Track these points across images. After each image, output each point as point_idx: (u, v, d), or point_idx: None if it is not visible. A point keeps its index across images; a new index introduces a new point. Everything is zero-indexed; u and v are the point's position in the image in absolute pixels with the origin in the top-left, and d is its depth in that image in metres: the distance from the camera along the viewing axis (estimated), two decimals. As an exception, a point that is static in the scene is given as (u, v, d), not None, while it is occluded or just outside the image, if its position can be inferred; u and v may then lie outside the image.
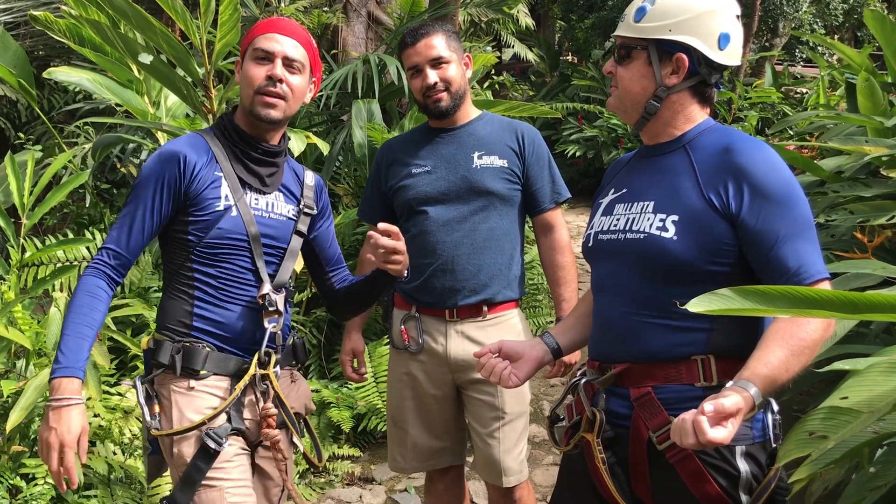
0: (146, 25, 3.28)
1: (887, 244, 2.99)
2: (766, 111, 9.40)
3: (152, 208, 1.90)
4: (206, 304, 1.94)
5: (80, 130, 5.96)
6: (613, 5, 11.72)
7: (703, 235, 1.59)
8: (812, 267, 1.53)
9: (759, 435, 1.59)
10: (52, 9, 6.31)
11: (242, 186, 1.97)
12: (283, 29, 1.98)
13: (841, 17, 12.75)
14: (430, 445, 2.63)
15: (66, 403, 1.73)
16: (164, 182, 1.89)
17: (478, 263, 2.49)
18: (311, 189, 2.14)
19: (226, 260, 1.94)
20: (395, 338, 2.64)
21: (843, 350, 2.42)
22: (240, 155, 1.99)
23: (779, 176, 1.58)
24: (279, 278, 2.00)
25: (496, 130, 2.59)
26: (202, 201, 1.92)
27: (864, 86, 3.72)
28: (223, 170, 1.96)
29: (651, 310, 1.65)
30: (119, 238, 1.90)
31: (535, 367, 1.87)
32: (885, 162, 3.21)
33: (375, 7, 6.39)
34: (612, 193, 1.85)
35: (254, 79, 1.94)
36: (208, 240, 1.92)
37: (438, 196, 2.52)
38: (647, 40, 1.68)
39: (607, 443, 1.68)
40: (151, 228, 1.91)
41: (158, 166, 1.91)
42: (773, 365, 1.42)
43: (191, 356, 1.90)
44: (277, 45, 1.94)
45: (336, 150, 4.95)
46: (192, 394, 1.89)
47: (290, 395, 2.05)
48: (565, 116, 9.60)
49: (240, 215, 1.94)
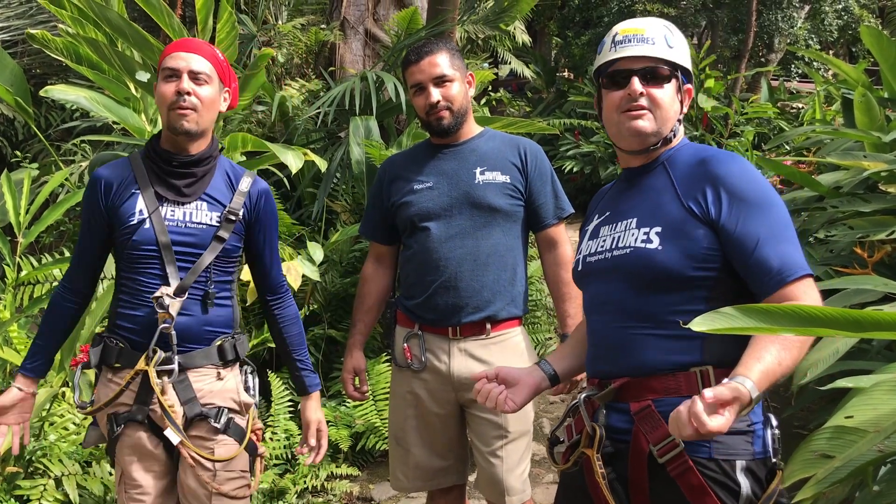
0: (143, 43, 3.29)
1: (887, 259, 2.99)
2: (763, 126, 9.43)
3: (88, 227, 2.21)
4: (125, 304, 2.17)
5: (77, 148, 5.96)
6: (609, 22, 11.78)
7: (686, 242, 1.63)
8: (795, 265, 1.58)
9: (759, 451, 1.60)
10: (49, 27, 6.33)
11: (159, 200, 2.15)
12: (185, 46, 2.17)
13: (836, 33, 12.85)
14: (432, 464, 2.60)
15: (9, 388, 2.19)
16: (90, 203, 2.18)
17: (481, 280, 2.48)
18: (242, 195, 2.24)
19: (140, 266, 2.14)
20: (397, 356, 2.62)
21: (846, 366, 2.41)
22: (157, 170, 2.18)
23: (754, 182, 1.65)
24: (183, 283, 2.15)
25: (498, 146, 2.58)
26: (120, 216, 2.14)
27: (860, 101, 3.73)
28: (140, 186, 2.16)
29: (643, 321, 1.68)
30: (73, 259, 2.26)
31: (532, 394, 1.89)
32: (883, 177, 3.21)
33: (373, 24, 6.41)
34: (596, 219, 1.89)
35: (165, 96, 2.11)
36: (127, 249, 2.14)
37: (440, 212, 2.50)
38: (679, 66, 1.76)
39: (607, 458, 1.68)
40: (91, 244, 2.22)
41: (87, 190, 2.19)
42: (766, 360, 1.45)
43: (106, 351, 2.18)
44: (182, 61, 2.12)
45: (334, 167, 4.94)
46: (107, 383, 2.18)
47: (211, 391, 2.19)
48: (562, 132, 9.62)
49: (152, 227, 2.13)
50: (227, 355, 2.24)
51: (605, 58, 1.79)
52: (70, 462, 3.18)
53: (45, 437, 3.22)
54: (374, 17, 6.43)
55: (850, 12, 12.89)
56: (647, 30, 1.75)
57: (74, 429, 3.39)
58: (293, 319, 2.40)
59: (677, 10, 11.55)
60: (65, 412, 3.44)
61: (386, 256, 2.74)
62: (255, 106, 5.66)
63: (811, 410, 3.26)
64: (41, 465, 3.12)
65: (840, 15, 12.77)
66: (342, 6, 6.36)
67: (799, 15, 12.20)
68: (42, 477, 3.09)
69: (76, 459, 3.24)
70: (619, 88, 1.75)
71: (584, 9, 12.58)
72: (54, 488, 3.05)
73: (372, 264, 2.75)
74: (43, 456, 3.15)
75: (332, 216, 4.97)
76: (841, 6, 12.73)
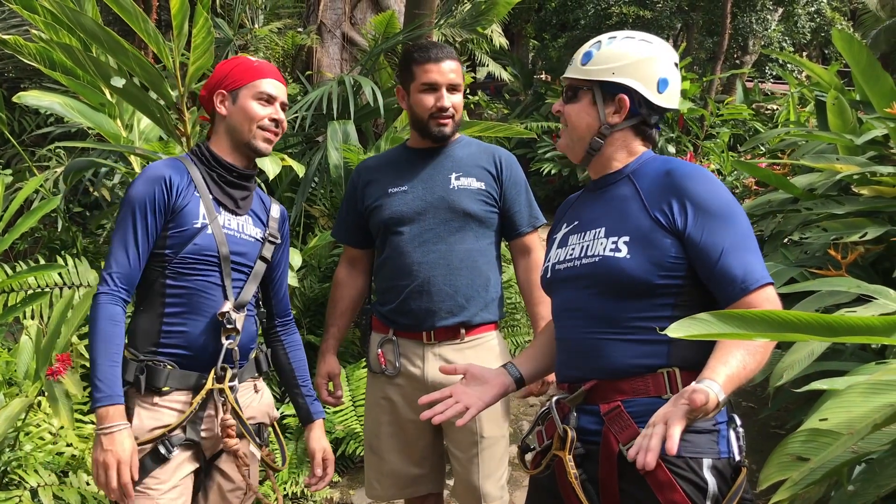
0: (118, 49, 3.25)
1: (860, 261, 3.03)
2: (738, 128, 9.53)
3: (146, 227, 2.04)
4: (175, 317, 2.06)
5: (52, 154, 5.89)
6: (586, 25, 11.87)
7: (653, 250, 1.68)
8: (757, 273, 1.64)
9: (724, 450, 1.65)
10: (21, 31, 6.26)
11: (217, 207, 2.13)
12: (277, 76, 2.23)
13: (809, 35, 13.01)
14: (408, 472, 2.59)
15: (116, 429, 1.91)
16: (154, 201, 2.04)
17: (454, 285, 2.48)
18: (275, 220, 2.31)
19: (197, 275, 2.07)
20: (371, 362, 2.61)
21: (820, 367, 2.44)
22: (216, 178, 2.16)
23: (718, 194, 1.71)
24: (242, 297, 2.14)
25: (474, 153, 2.59)
26: (181, 218, 2.06)
27: (833, 104, 3.78)
28: (199, 191, 2.11)
29: (612, 327, 1.72)
30: (122, 262, 2.03)
31: (499, 394, 1.91)
32: (856, 180, 3.26)
33: (350, 28, 6.40)
34: (564, 228, 1.94)
35: (257, 116, 2.15)
36: (183, 254, 2.05)
37: (414, 216, 2.50)
38: (592, 82, 1.83)
39: (578, 461, 1.71)
40: (147, 247, 2.05)
41: (146, 187, 2.05)
42: (732, 364, 1.51)
43: (153, 375, 2.03)
44: (277, 90, 2.19)
45: (311, 172, 4.93)
46: (154, 408, 2.04)
47: (251, 406, 2.21)
48: (540, 135, 9.66)
49: (213, 234, 2.09)
50: (262, 366, 2.27)
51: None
52: (46, 472, 3.14)
53: (20, 447, 3.18)
54: (352, 20, 6.42)
55: (822, 15, 13.06)
56: (581, 50, 1.89)
57: (50, 438, 3.35)
58: (298, 345, 2.41)
59: (653, 12, 11.64)
60: (41, 422, 3.40)
61: (359, 260, 2.72)
62: (232, 110, 5.62)
63: (787, 411, 3.29)
64: (16, 475, 3.08)
65: (813, 17, 12.94)
66: (319, 10, 6.35)
67: (772, 17, 12.35)
68: (17, 488, 3.05)
69: (52, 470, 3.20)
70: None
71: (560, 12, 12.66)
72: (30, 499, 3.01)
73: (345, 268, 2.73)
74: (18, 467, 3.11)
75: (310, 221, 4.95)
76: (813, 9, 12.90)
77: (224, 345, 2.08)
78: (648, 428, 1.44)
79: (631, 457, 1.44)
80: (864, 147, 3.46)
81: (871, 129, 3.48)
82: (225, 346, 2.08)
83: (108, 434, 1.90)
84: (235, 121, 2.16)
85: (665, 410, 1.44)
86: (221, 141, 2.19)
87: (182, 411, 2.05)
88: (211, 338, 2.09)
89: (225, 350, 2.08)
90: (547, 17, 13.07)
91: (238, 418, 2.09)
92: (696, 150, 8.75)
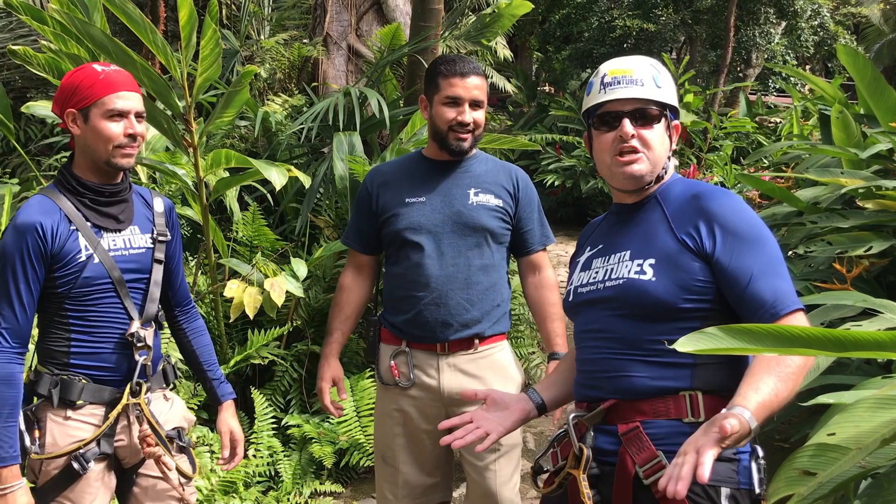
0: (126, 59, 3.28)
1: (865, 275, 3.03)
2: (741, 140, 9.54)
3: (27, 280, 2.00)
4: (82, 342, 2.08)
5: (59, 164, 5.91)
6: (589, 37, 11.90)
7: (679, 273, 1.66)
8: (788, 298, 1.62)
9: (744, 481, 1.62)
10: (29, 41, 6.30)
11: (98, 232, 2.10)
12: (130, 85, 2.11)
13: (812, 49, 13.03)
14: (421, 482, 2.59)
15: (9, 490, 1.94)
16: (29, 253, 2.00)
17: (470, 299, 2.48)
18: (161, 216, 2.27)
19: (96, 303, 2.08)
20: (383, 374, 2.59)
21: (826, 381, 2.44)
22: (89, 203, 2.11)
23: (747, 217, 1.69)
24: (147, 313, 2.16)
25: (491, 170, 2.60)
26: (64, 257, 2.03)
27: (838, 118, 3.78)
28: (76, 223, 2.06)
29: (635, 349, 1.70)
30: (10, 318, 1.99)
31: (520, 420, 1.91)
32: (861, 193, 3.26)
33: (355, 40, 6.43)
34: (588, 251, 1.92)
35: (112, 137, 2.05)
36: (76, 289, 2.05)
37: (431, 228, 2.49)
38: (667, 105, 1.79)
39: (592, 481, 1.69)
40: (33, 297, 2.02)
41: (19, 240, 1.99)
42: (763, 392, 1.47)
43: (67, 389, 2.06)
44: (129, 102, 2.07)
45: (317, 183, 4.94)
46: (67, 422, 2.06)
47: (162, 413, 2.23)
48: (544, 147, 9.68)
49: (101, 262, 2.07)
50: (170, 377, 2.30)
51: (594, 100, 1.81)
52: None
53: None
54: (357, 32, 6.46)
55: (825, 28, 13.09)
56: (635, 71, 1.77)
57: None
58: (202, 330, 2.43)
59: (656, 25, 11.68)
60: None
61: (366, 266, 2.72)
62: (238, 121, 5.65)
63: (792, 424, 3.29)
64: None
65: (816, 31, 12.96)
66: (325, 22, 6.39)
67: (776, 31, 12.37)
68: None
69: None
70: (609, 130, 1.77)
71: (564, 24, 12.69)
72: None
73: (351, 274, 2.72)
74: None
75: (315, 232, 4.96)
76: (817, 23, 12.93)
77: (139, 361, 2.11)
78: (679, 457, 1.41)
79: (661, 487, 1.40)
80: (868, 161, 3.46)
81: (876, 142, 3.49)
82: (140, 361, 2.11)
83: (3, 495, 1.93)
84: (90, 141, 2.07)
85: (696, 438, 1.41)
86: (82, 161, 2.12)
87: (97, 425, 2.08)
88: (122, 355, 2.12)
89: (140, 366, 2.12)
90: (551, 30, 13.11)
91: (154, 430, 2.13)
92: (700, 163, 8.76)
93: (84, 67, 2.12)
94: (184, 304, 2.41)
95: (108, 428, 2.09)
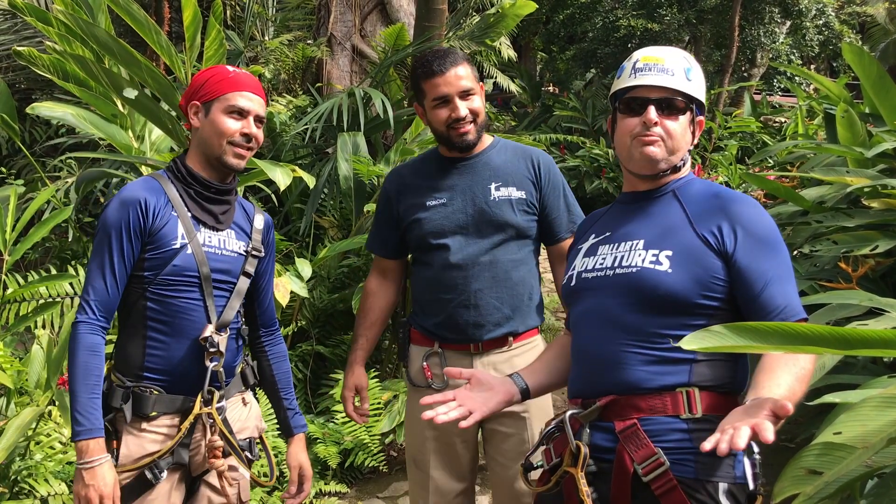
0: (131, 60, 3.29)
1: (871, 274, 3.02)
2: (746, 140, 9.53)
3: (122, 253, 1.99)
4: (158, 341, 2.04)
5: (63, 164, 5.93)
6: (594, 37, 11.90)
7: (697, 269, 1.67)
8: (797, 307, 1.66)
9: (740, 476, 1.61)
10: (34, 43, 6.32)
11: (196, 225, 2.08)
12: (254, 88, 2.14)
13: (817, 48, 13.01)
14: (453, 488, 2.51)
15: (97, 463, 1.90)
16: (129, 227, 1.99)
17: (500, 297, 2.41)
18: (259, 232, 2.25)
19: (178, 296, 2.04)
20: (414, 376, 2.51)
21: (832, 380, 2.43)
22: (194, 195, 2.11)
23: (767, 223, 1.72)
24: (224, 317, 2.11)
25: (511, 159, 2.50)
26: (159, 240, 2.02)
27: (843, 117, 3.77)
28: (177, 210, 2.06)
29: (636, 339, 1.69)
30: (100, 289, 1.99)
31: (504, 402, 1.89)
32: (866, 192, 3.25)
33: (360, 41, 6.43)
34: (593, 238, 1.90)
35: (228, 132, 2.07)
36: (163, 276, 2.02)
37: (456, 229, 2.42)
38: (694, 99, 1.79)
39: (589, 478, 1.67)
40: (125, 273, 2.01)
41: (121, 213, 2.00)
42: (784, 387, 1.48)
43: (140, 402, 2.02)
44: (251, 103, 2.10)
45: (321, 183, 4.95)
46: (142, 434, 2.02)
47: (240, 420, 2.20)
48: (548, 147, 9.68)
49: (193, 254, 2.04)
50: (249, 380, 2.25)
51: (623, 83, 1.81)
52: (56, 482, 3.15)
53: (30, 456, 3.19)
54: (361, 33, 6.46)
55: (830, 28, 13.07)
56: (667, 60, 1.78)
57: (61, 448, 3.36)
58: (283, 356, 2.38)
59: (661, 25, 11.67)
60: (51, 431, 3.41)
61: (391, 271, 2.65)
62: (242, 122, 5.65)
63: (798, 423, 3.27)
64: (27, 484, 3.09)
65: (821, 30, 12.94)
66: (329, 22, 6.39)
67: (780, 30, 12.37)
68: (28, 497, 3.06)
69: (62, 479, 3.21)
70: (634, 115, 1.77)
71: (568, 24, 12.70)
72: (40, 508, 3.02)
73: (376, 279, 2.65)
74: (29, 476, 3.12)
75: (319, 232, 4.97)
76: (821, 22, 12.91)
77: (209, 367, 2.06)
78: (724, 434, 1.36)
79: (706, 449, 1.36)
80: (874, 160, 3.45)
81: (882, 141, 3.47)
82: (210, 368, 2.06)
83: (88, 468, 1.88)
84: (206, 134, 2.09)
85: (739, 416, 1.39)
86: (195, 155, 2.14)
87: (170, 435, 2.04)
88: (194, 361, 2.06)
89: (210, 373, 2.06)
90: (555, 30, 13.12)
91: (226, 440, 2.08)
92: (705, 163, 8.75)
93: (216, 66, 2.17)
94: (269, 326, 2.37)
95: (183, 437, 2.05)
